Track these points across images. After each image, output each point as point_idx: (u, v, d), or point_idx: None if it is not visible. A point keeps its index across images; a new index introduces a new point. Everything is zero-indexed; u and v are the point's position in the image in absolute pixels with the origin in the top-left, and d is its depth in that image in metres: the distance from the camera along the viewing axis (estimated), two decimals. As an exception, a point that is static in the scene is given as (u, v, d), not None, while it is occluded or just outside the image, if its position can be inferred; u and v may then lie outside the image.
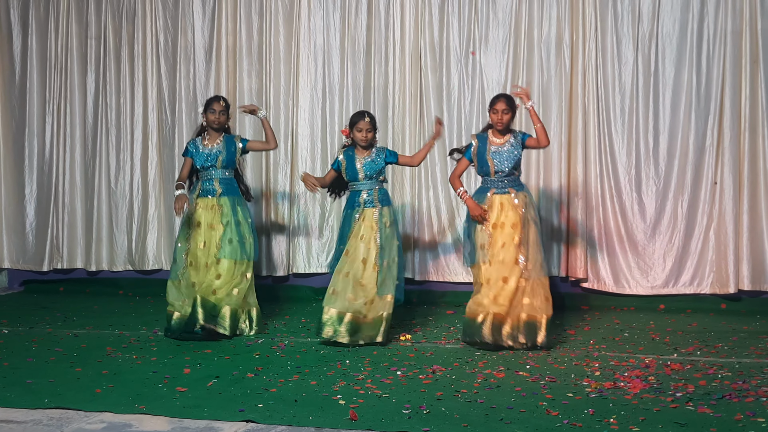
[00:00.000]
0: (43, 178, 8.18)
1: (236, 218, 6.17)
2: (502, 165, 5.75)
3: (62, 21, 8.08)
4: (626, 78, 7.08)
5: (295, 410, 4.27)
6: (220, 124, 6.22)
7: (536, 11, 7.20)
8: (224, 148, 6.20)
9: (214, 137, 6.25)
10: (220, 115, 6.20)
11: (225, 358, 5.45)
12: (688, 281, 7.01)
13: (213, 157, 6.18)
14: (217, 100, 6.27)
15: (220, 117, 6.21)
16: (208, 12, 7.83)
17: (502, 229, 5.72)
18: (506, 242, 5.68)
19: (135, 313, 7.04)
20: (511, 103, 5.80)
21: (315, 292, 7.65)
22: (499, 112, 5.74)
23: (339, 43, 7.59)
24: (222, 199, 6.17)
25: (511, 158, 5.76)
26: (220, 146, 6.20)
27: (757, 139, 6.88)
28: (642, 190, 7.08)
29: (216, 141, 6.23)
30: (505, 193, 5.78)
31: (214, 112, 6.19)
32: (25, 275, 8.35)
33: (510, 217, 5.72)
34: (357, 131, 5.93)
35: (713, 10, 6.93)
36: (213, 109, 6.20)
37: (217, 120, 6.19)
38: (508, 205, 5.75)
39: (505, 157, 5.76)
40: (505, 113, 5.74)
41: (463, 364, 5.24)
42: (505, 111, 5.74)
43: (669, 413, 4.17)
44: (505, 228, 5.71)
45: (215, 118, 6.19)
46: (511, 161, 5.76)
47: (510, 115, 5.77)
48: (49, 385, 4.74)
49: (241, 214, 6.21)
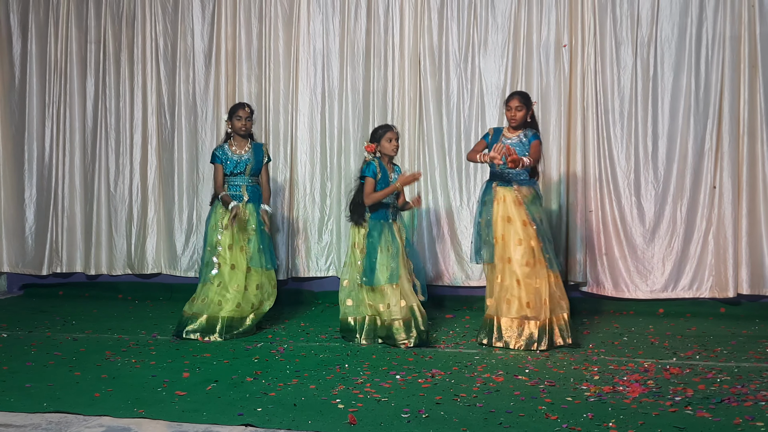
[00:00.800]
0: (43, 182, 8.19)
1: (261, 227, 6.28)
2: (506, 158, 5.73)
3: (62, 25, 8.09)
4: (625, 82, 7.09)
5: (294, 414, 4.26)
6: (246, 130, 6.32)
7: (535, 15, 7.21)
8: (253, 155, 6.30)
9: (241, 144, 6.32)
10: (246, 121, 6.30)
11: (224, 362, 5.44)
12: (687, 285, 7.01)
13: (242, 164, 6.28)
14: (242, 107, 6.34)
15: (247, 123, 6.31)
16: (207, 16, 7.84)
17: (510, 224, 5.77)
18: (522, 239, 5.74)
19: (134, 317, 7.04)
20: (526, 101, 5.90)
21: (314, 296, 7.66)
22: (513, 109, 5.86)
23: (338, 48, 7.60)
24: (248, 206, 6.27)
25: (518, 152, 5.75)
26: (249, 153, 6.30)
27: (755, 144, 6.89)
28: (641, 195, 7.09)
29: (244, 148, 6.32)
30: (509, 187, 5.82)
31: (240, 118, 6.28)
32: (24, 279, 8.36)
33: (516, 213, 5.77)
34: (387, 142, 5.96)
35: (712, 15, 6.94)
36: (239, 116, 6.29)
37: (243, 126, 6.29)
38: (510, 200, 5.80)
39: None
40: (518, 110, 5.85)
41: (462, 368, 5.24)
42: (519, 108, 5.85)
43: (668, 417, 4.17)
44: (514, 224, 5.76)
45: (242, 124, 6.28)
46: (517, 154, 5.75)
47: (524, 112, 5.86)
48: (48, 389, 4.74)
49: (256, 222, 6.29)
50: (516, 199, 5.80)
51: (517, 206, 5.79)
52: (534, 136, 5.89)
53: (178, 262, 7.91)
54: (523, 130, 5.91)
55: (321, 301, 7.57)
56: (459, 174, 7.39)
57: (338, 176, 7.60)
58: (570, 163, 7.16)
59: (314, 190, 7.67)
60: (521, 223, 5.76)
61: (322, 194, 7.67)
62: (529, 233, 5.75)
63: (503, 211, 5.81)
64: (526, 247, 5.74)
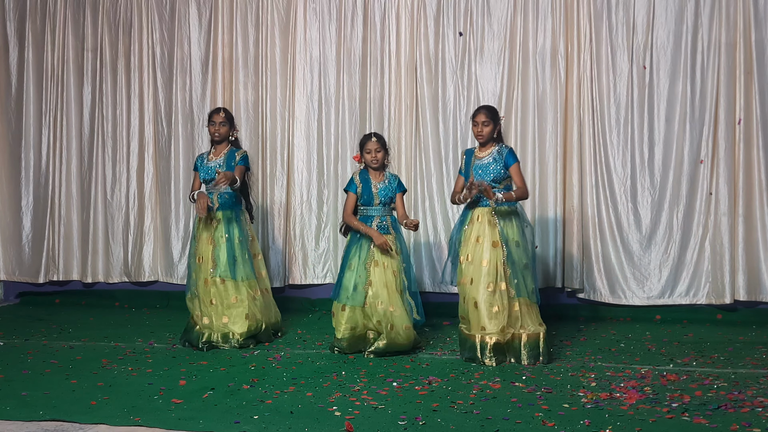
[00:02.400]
0: (40, 190, 8.18)
1: (230, 235, 6.09)
2: (482, 177, 5.60)
3: (59, 33, 8.09)
4: (621, 89, 7.10)
5: (291, 422, 4.26)
6: (220, 136, 6.18)
7: (531, 23, 7.22)
8: (224, 162, 6.15)
9: (219, 150, 6.22)
10: (220, 126, 6.16)
11: (221, 369, 5.43)
12: (684, 292, 7.01)
13: (212, 170, 6.14)
14: (216, 111, 6.25)
15: (220, 128, 6.17)
16: (204, 24, 7.85)
17: (480, 244, 5.56)
18: (489, 260, 5.52)
19: (131, 325, 7.02)
20: (492, 115, 5.65)
21: (311, 303, 7.65)
22: (479, 124, 5.63)
23: (335, 55, 7.61)
24: (218, 213, 6.11)
25: (491, 171, 5.60)
26: (221, 160, 6.17)
27: (751, 150, 6.90)
28: (637, 201, 7.09)
29: (220, 154, 6.19)
30: (485, 206, 5.61)
31: (214, 123, 6.18)
32: (20, 287, 8.34)
33: (489, 233, 5.55)
34: (366, 153, 5.85)
35: (707, 22, 6.96)
36: (213, 121, 6.19)
37: (217, 131, 6.17)
38: (484, 219, 5.59)
39: (485, 170, 5.63)
40: (485, 125, 5.61)
41: (459, 375, 5.24)
42: (485, 123, 5.61)
43: (665, 424, 4.17)
44: (482, 245, 5.55)
45: (215, 129, 6.17)
46: (490, 174, 5.60)
47: (491, 127, 5.62)
48: (45, 397, 4.73)
49: (236, 231, 6.11)
50: (491, 219, 5.58)
51: (491, 227, 5.56)
52: (510, 157, 5.61)
53: (174, 270, 7.90)
54: (495, 146, 5.67)
55: (318, 309, 7.55)
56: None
57: (335, 183, 7.60)
58: (566, 170, 7.16)
59: (311, 197, 7.67)
60: (491, 243, 5.53)
61: (318, 201, 7.67)
62: (497, 255, 5.52)
63: (475, 232, 5.60)
64: (490, 269, 5.50)
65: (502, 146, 5.71)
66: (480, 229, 5.60)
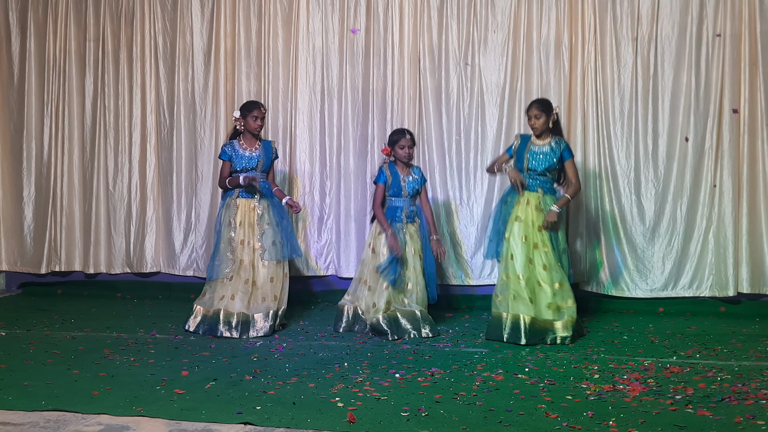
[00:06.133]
0: (41, 181, 8.17)
1: (276, 220, 6.38)
2: (535, 164, 6.01)
3: (61, 23, 8.07)
4: (625, 80, 7.07)
5: (294, 413, 4.26)
6: (260, 130, 6.48)
7: (535, 14, 7.19)
8: (264, 153, 6.43)
9: (251, 141, 6.45)
10: (261, 121, 6.45)
11: (223, 360, 5.43)
12: (687, 284, 7.00)
13: (254, 160, 6.39)
14: (257, 106, 6.46)
15: (262, 123, 6.47)
16: (206, 14, 7.82)
17: (530, 226, 5.96)
18: (538, 243, 5.93)
19: (133, 316, 7.02)
20: (545, 108, 6.04)
21: (314, 295, 7.64)
22: (532, 118, 6.05)
23: (338, 46, 7.58)
24: (262, 202, 6.37)
25: (546, 160, 6.01)
26: (260, 150, 6.42)
27: (756, 142, 6.87)
28: (641, 193, 7.07)
29: (255, 145, 6.44)
30: (534, 192, 6.02)
31: (256, 118, 6.42)
32: (22, 278, 8.34)
33: (536, 217, 5.96)
34: (399, 148, 6.28)
35: (712, 13, 6.92)
36: (255, 116, 6.41)
37: (259, 126, 6.44)
38: (533, 204, 5.99)
39: (540, 158, 6.02)
40: (537, 118, 6.02)
41: (461, 366, 5.23)
42: (537, 116, 6.02)
43: (668, 416, 4.16)
44: (531, 227, 5.96)
45: (258, 124, 6.43)
46: (545, 163, 6.01)
47: (544, 119, 6.02)
48: (47, 388, 4.73)
49: (276, 215, 6.40)
50: (538, 204, 5.99)
51: (538, 212, 5.97)
52: (567, 152, 6.07)
53: (176, 261, 7.90)
54: (553, 137, 6.08)
55: (320, 300, 7.56)
56: (459, 173, 7.37)
57: (337, 175, 7.58)
58: (570, 162, 7.14)
59: (313, 188, 7.65)
60: (536, 228, 5.95)
61: (321, 193, 7.66)
62: (543, 238, 5.94)
63: (523, 213, 5.99)
64: (534, 249, 5.92)
65: (560, 140, 6.09)
66: (529, 212, 5.98)
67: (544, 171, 6.01)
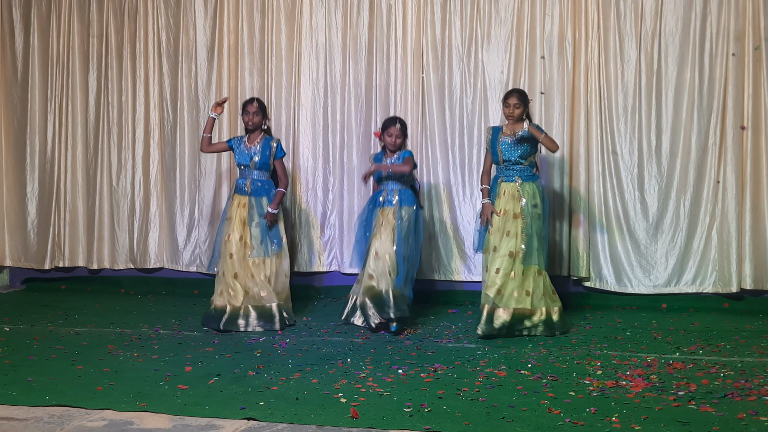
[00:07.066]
0: (45, 177, 8.18)
1: (262, 219, 6.35)
2: (508, 154, 6.05)
3: (64, 19, 8.07)
4: (629, 76, 7.06)
5: (297, 408, 4.26)
6: (254, 125, 6.43)
7: (538, 9, 7.18)
8: (260, 150, 6.41)
9: (254, 138, 6.46)
10: (253, 116, 6.41)
11: (226, 356, 5.44)
12: (691, 280, 6.99)
13: (248, 157, 6.39)
14: (250, 102, 6.47)
15: (254, 118, 6.42)
16: (209, 10, 7.82)
17: (506, 216, 6.02)
18: (510, 231, 5.98)
19: (136, 311, 7.03)
20: (523, 99, 6.09)
21: (317, 291, 7.65)
22: (511, 106, 6.06)
23: (341, 42, 7.58)
24: (252, 199, 6.37)
25: (518, 148, 6.03)
26: (257, 148, 6.42)
27: (759, 138, 6.86)
28: (644, 189, 7.07)
29: (255, 142, 6.44)
30: (512, 182, 6.05)
31: (248, 113, 6.42)
32: (26, 273, 8.35)
33: (512, 206, 6.02)
34: (387, 136, 6.33)
35: (716, 9, 6.91)
36: (247, 111, 6.43)
37: (251, 121, 6.41)
38: (509, 194, 6.04)
39: (510, 147, 6.04)
40: (516, 107, 6.04)
41: (464, 362, 5.23)
42: (516, 105, 6.04)
43: (671, 412, 4.16)
44: (508, 216, 6.01)
45: (249, 119, 6.42)
46: (517, 151, 6.04)
47: (521, 110, 6.06)
48: (50, 383, 4.74)
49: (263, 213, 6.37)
50: (516, 193, 6.02)
51: (515, 200, 6.03)
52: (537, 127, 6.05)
53: (180, 257, 7.91)
54: (522, 125, 6.07)
55: (323, 296, 7.56)
56: (462, 168, 7.37)
57: (340, 171, 7.58)
58: (573, 158, 7.14)
59: (316, 184, 7.66)
60: (513, 216, 6.01)
61: (324, 189, 7.66)
62: (518, 226, 5.98)
63: (502, 205, 6.05)
64: (506, 236, 5.98)
65: (533, 125, 6.05)
66: (506, 203, 6.04)
67: (518, 159, 6.04)
